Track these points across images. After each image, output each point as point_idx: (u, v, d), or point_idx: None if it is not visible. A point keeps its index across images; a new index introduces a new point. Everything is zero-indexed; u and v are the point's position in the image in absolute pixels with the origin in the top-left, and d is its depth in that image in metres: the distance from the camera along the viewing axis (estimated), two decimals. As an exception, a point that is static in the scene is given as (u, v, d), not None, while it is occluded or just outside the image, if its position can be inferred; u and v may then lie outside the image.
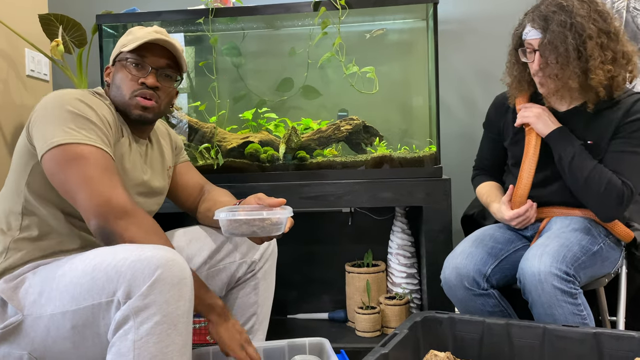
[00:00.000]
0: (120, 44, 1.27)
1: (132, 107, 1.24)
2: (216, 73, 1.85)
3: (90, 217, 1.08)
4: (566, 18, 1.33)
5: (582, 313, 1.25)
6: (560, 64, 1.34)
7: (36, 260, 1.16)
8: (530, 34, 1.39)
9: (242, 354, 1.17)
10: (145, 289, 0.95)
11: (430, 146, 1.84)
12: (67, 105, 1.13)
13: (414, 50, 2.01)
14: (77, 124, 1.12)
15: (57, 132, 1.10)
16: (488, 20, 2.07)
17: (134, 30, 1.28)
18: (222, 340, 1.18)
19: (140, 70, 1.25)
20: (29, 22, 2.05)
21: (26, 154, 1.17)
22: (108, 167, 1.11)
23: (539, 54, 1.37)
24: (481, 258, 1.40)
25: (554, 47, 1.34)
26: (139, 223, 1.09)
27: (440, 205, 1.69)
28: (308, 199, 1.73)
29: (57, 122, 1.11)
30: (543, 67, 1.37)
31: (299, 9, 1.78)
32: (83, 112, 1.14)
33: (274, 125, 1.94)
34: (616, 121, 1.39)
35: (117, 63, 1.27)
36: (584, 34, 1.32)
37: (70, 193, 1.10)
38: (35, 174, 1.17)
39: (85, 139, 1.11)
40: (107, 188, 1.08)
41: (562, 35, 1.32)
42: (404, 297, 1.86)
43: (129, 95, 1.24)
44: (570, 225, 1.38)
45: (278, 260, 1.54)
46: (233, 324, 1.20)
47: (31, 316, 1.05)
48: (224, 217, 1.16)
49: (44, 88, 2.22)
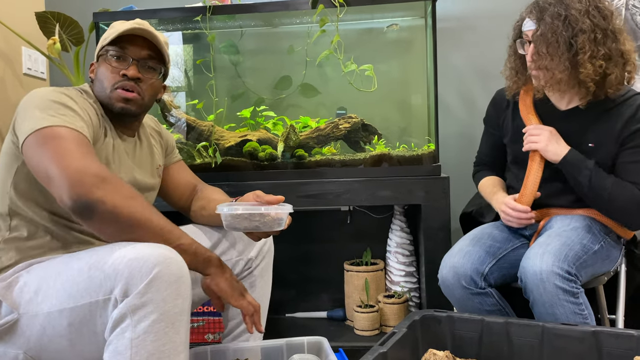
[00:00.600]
0: (102, 39, 1.26)
1: (114, 100, 1.22)
2: (214, 71, 1.84)
3: (65, 193, 1.00)
4: (561, 10, 1.33)
5: (583, 312, 1.24)
6: (550, 54, 1.34)
7: (28, 259, 1.15)
8: (527, 25, 1.40)
9: (244, 301, 1.17)
10: (143, 287, 0.94)
11: (429, 144, 1.83)
12: (46, 96, 1.13)
13: (412, 48, 2.00)
14: (56, 110, 1.11)
15: (35, 119, 1.09)
16: (487, 18, 2.06)
17: (116, 24, 1.26)
18: (223, 290, 1.16)
19: (122, 62, 1.23)
20: (26, 20, 2.04)
21: (11, 154, 1.17)
22: (84, 144, 1.08)
23: (533, 45, 1.38)
24: (479, 257, 1.39)
25: (545, 38, 1.34)
26: (116, 189, 1.03)
27: (439, 203, 1.69)
28: (306, 197, 1.73)
29: (36, 111, 1.10)
30: (536, 59, 1.37)
31: (297, 7, 1.77)
32: (62, 101, 1.13)
33: (272, 124, 1.94)
34: (620, 126, 1.38)
35: (99, 58, 1.26)
36: (576, 27, 1.32)
37: (45, 174, 1.05)
38: (20, 175, 1.16)
39: (61, 122, 1.09)
40: (80, 160, 1.03)
41: (553, 26, 1.33)
42: (402, 296, 1.86)
43: (110, 88, 1.22)
44: (571, 224, 1.37)
45: (276, 259, 1.54)
46: (230, 274, 1.19)
47: (27, 314, 1.05)
48: (227, 212, 1.16)
49: (40, 86, 2.21)
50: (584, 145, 1.41)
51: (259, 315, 1.20)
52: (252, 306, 1.18)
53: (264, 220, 1.18)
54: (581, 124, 1.42)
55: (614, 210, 1.37)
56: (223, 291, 1.16)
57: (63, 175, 1.02)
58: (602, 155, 1.39)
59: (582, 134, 1.41)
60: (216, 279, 1.16)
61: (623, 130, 1.37)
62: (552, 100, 1.48)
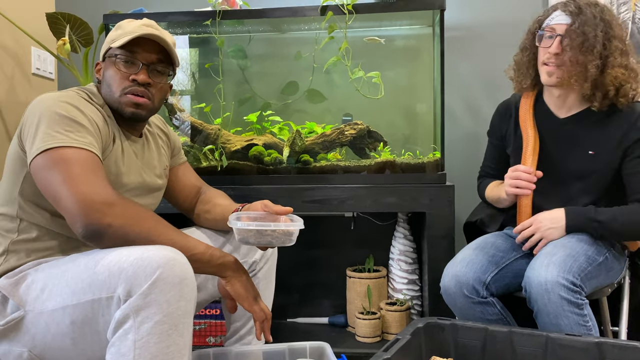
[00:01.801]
0: (109, 39, 1.24)
1: (124, 105, 1.22)
2: (222, 75, 1.85)
3: (75, 220, 1.03)
4: (598, 13, 1.38)
5: (587, 324, 1.24)
6: (585, 48, 1.37)
7: (37, 259, 1.16)
8: (557, 19, 1.41)
9: (257, 307, 1.18)
10: (146, 288, 0.95)
11: (435, 152, 1.83)
12: (54, 108, 1.11)
13: (420, 56, 2.01)
14: (64, 127, 1.09)
15: (44, 137, 1.08)
16: (494, 28, 2.07)
17: (123, 25, 1.25)
18: (238, 293, 1.17)
19: (131, 66, 1.22)
20: (36, 20, 2.06)
21: (18, 161, 1.16)
22: (91, 165, 1.08)
23: (560, 39, 1.39)
24: (481, 266, 1.40)
25: (582, 32, 1.37)
26: (124, 211, 1.05)
27: (443, 211, 1.69)
28: (311, 202, 1.73)
29: (44, 126, 1.09)
30: (559, 53, 1.39)
31: (306, 13, 1.78)
32: (70, 114, 1.11)
33: (278, 128, 1.94)
34: (620, 134, 1.39)
35: (107, 59, 1.24)
36: (610, 32, 1.38)
37: (53, 197, 1.07)
38: (28, 181, 1.15)
39: (70, 141, 1.08)
40: (88, 186, 1.04)
41: (593, 23, 1.37)
42: (404, 303, 1.86)
43: (119, 92, 1.21)
44: (576, 235, 1.38)
45: (279, 263, 1.54)
46: (247, 277, 1.19)
47: (33, 312, 1.05)
48: (240, 227, 1.16)
49: (49, 86, 2.23)
50: (584, 153, 1.43)
51: (269, 324, 1.20)
52: (263, 313, 1.18)
53: (276, 235, 1.19)
54: (580, 131, 1.44)
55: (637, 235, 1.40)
56: (237, 294, 1.17)
57: (72, 203, 1.03)
58: (603, 163, 1.42)
59: (582, 141, 1.43)
60: (232, 281, 1.17)
61: (624, 139, 1.39)
62: (552, 109, 1.50)
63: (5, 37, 1.96)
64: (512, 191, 1.45)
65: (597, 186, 1.43)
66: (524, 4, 2.04)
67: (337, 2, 1.71)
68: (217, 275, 1.17)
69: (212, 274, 1.17)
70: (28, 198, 1.16)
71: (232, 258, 1.17)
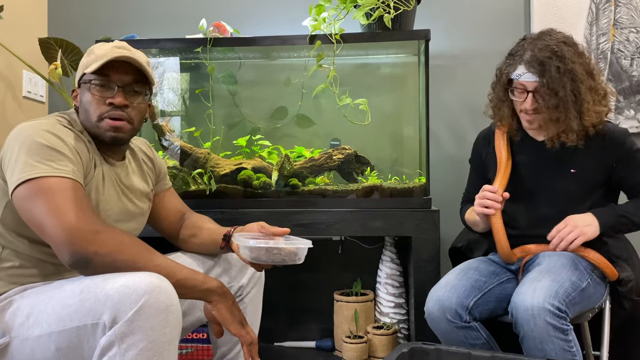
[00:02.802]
0: (83, 65, 1.23)
1: (103, 130, 1.21)
2: (212, 100, 1.88)
3: (61, 249, 1.04)
4: (561, 65, 1.40)
5: (572, 349, 1.26)
6: (561, 107, 1.41)
7: (23, 285, 1.16)
8: (524, 77, 1.44)
9: (243, 330, 1.18)
10: (132, 315, 0.95)
11: (420, 177, 1.87)
12: (34, 137, 1.10)
13: (405, 83, 2.06)
14: (44, 156, 1.09)
15: (24, 167, 1.08)
16: (478, 57, 2.13)
17: (95, 49, 1.23)
18: (223, 318, 1.17)
19: (106, 90, 1.20)
20: (28, 44, 2.08)
21: (1, 188, 1.16)
22: (74, 194, 1.08)
23: (532, 95, 1.44)
24: (464, 290, 1.42)
25: (554, 93, 1.40)
26: (110, 239, 1.06)
27: (429, 236, 1.71)
28: (299, 226, 1.75)
29: (25, 156, 1.09)
30: (537, 108, 1.45)
31: (295, 42, 1.83)
32: (50, 143, 1.11)
33: (267, 153, 1.97)
34: (599, 153, 1.47)
35: (82, 85, 1.23)
36: (577, 80, 1.40)
37: (38, 227, 1.07)
38: (9, 210, 1.15)
39: (51, 171, 1.08)
40: (72, 215, 1.05)
41: (560, 81, 1.40)
42: (391, 327, 1.87)
43: (96, 118, 1.20)
44: (559, 261, 1.40)
45: (266, 287, 1.55)
46: (233, 301, 1.20)
47: (18, 338, 1.05)
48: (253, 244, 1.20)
49: (39, 109, 2.24)
50: (566, 172, 1.49)
51: (257, 348, 1.20)
52: (249, 336, 1.19)
53: (286, 253, 1.22)
54: (560, 151, 1.50)
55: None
56: (223, 318, 1.17)
57: (57, 233, 1.04)
58: (586, 180, 1.48)
59: (563, 161, 1.49)
60: (218, 306, 1.17)
61: (605, 158, 1.47)
62: (530, 133, 1.56)
63: (-2, 61, 1.99)
64: (480, 210, 1.49)
65: (582, 203, 1.48)
66: (506, 34, 2.10)
67: (326, 32, 1.76)
68: (203, 300, 1.18)
69: (198, 299, 1.17)
70: (9, 227, 1.16)
71: (217, 283, 1.18)
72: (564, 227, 1.43)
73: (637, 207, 1.47)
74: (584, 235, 1.41)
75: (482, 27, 2.14)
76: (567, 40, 1.45)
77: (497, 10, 2.14)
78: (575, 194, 1.49)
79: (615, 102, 2.06)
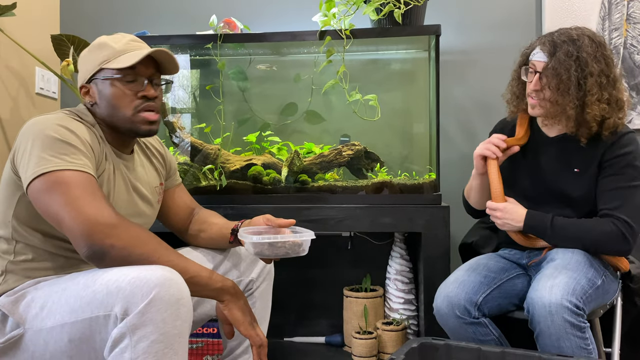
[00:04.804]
0: (99, 60, 1.21)
1: (139, 124, 1.23)
2: (222, 96, 1.89)
3: (78, 241, 1.06)
4: (573, 50, 1.39)
5: (588, 347, 1.25)
6: (561, 90, 1.39)
7: (36, 278, 1.17)
8: (536, 56, 1.45)
9: (253, 332, 1.19)
10: (143, 307, 0.96)
11: (430, 173, 1.86)
12: (46, 131, 1.11)
13: (416, 79, 2.05)
14: (58, 150, 1.10)
15: (39, 161, 1.09)
16: (489, 53, 2.12)
17: (109, 43, 1.22)
18: (235, 318, 1.18)
19: (136, 84, 1.22)
20: (41, 41, 2.10)
21: (12, 184, 1.17)
22: (90, 187, 1.09)
23: (539, 76, 1.43)
24: (473, 287, 1.41)
25: (556, 74, 1.39)
26: (126, 233, 1.07)
27: (439, 232, 1.71)
28: (308, 222, 1.75)
29: (38, 150, 1.10)
30: (539, 90, 1.43)
31: (305, 37, 1.83)
32: (63, 136, 1.12)
33: (277, 149, 1.98)
34: (600, 152, 1.43)
35: (100, 81, 1.22)
36: (586, 70, 1.38)
37: (56, 220, 1.08)
38: (22, 205, 1.16)
39: (65, 164, 1.09)
40: (89, 207, 1.06)
41: (566, 64, 1.38)
42: (401, 323, 1.86)
43: (131, 112, 1.22)
44: (574, 257, 1.39)
45: (276, 282, 1.56)
46: (244, 301, 1.20)
47: (32, 329, 1.06)
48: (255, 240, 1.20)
49: (52, 106, 2.26)
50: (570, 171, 1.46)
51: (266, 351, 1.20)
52: (259, 338, 1.19)
53: (289, 245, 1.23)
54: (568, 150, 1.48)
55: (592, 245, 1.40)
56: (235, 318, 1.18)
57: (75, 225, 1.06)
58: (586, 181, 1.44)
59: (568, 159, 1.47)
60: (229, 305, 1.18)
61: (604, 155, 1.42)
62: (542, 129, 1.54)
63: (11, 58, 2.01)
64: (479, 152, 1.51)
65: (581, 203, 1.46)
66: (517, 29, 2.09)
67: (336, 28, 1.76)
68: (215, 299, 1.18)
69: (210, 298, 1.18)
70: (22, 221, 1.18)
71: (230, 282, 1.19)
72: (495, 210, 1.47)
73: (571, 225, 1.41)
74: (503, 227, 1.47)
75: (493, 22, 2.12)
76: (594, 37, 1.42)
77: (508, 5, 2.12)
78: (576, 194, 1.46)
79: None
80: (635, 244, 1.41)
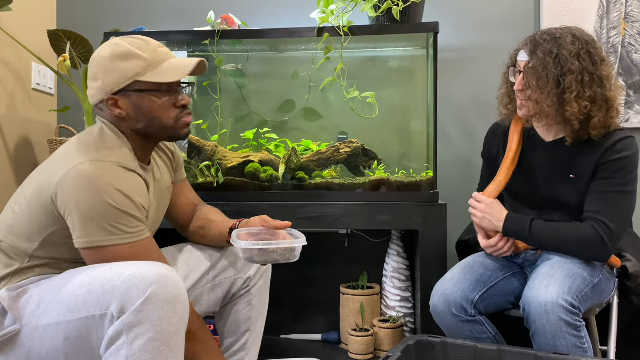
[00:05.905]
0: (131, 72, 1.16)
1: (179, 130, 1.25)
2: (220, 93, 1.89)
3: None
4: (553, 48, 1.38)
5: (584, 346, 1.25)
6: (540, 88, 1.39)
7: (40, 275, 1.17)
8: (520, 56, 1.45)
9: None
10: (139, 305, 0.96)
11: (428, 171, 1.86)
12: (104, 196, 1.08)
13: (414, 77, 2.05)
14: (115, 219, 1.09)
15: (95, 230, 1.08)
16: (487, 51, 2.12)
17: (137, 52, 1.16)
18: None
19: (173, 93, 1.22)
20: (37, 36, 2.09)
21: (51, 216, 1.12)
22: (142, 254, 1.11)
23: (522, 76, 1.42)
24: (469, 285, 1.41)
25: (535, 71, 1.39)
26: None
27: (436, 230, 1.71)
28: (306, 219, 1.75)
29: (94, 217, 1.08)
30: (523, 89, 1.43)
31: (303, 34, 1.82)
32: (120, 206, 1.09)
33: (274, 146, 1.97)
34: (596, 158, 1.41)
35: (134, 93, 1.17)
36: (565, 67, 1.36)
37: None
38: (56, 237, 1.14)
39: (121, 239, 1.10)
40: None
41: (544, 62, 1.38)
42: (397, 321, 1.87)
43: (173, 121, 1.23)
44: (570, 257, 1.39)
45: (273, 279, 1.56)
46: None
47: (28, 326, 1.06)
48: (245, 246, 1.20)
49: (48, 102, 2.25)
50: (566, 177, 1.46)
51: None
52: None
53: (280, 252, 1.22)
54: (564, 155, 1.47)
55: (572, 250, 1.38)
56: None
57: None
58: (583, 187, 1.43)
59: (565, 165, 1.46)
60: None
61: (599, 160, 1.41)
62: (539, 132, 1.53)
63: (7, 53, 2.00)
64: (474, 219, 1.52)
65: (577, 209, 1.44)
66: (515, 27, 2.09)
67: (334, 24, 1.75)
68: None
69: None
70: (47, 246, 1.15)
71: None
72: (481, 202, 1.47)
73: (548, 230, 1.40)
74: (481, 221, 1.47)
75: (492, 20, 2.12)
76: (581, 35, 1.40)
77: (507, 3, 2.12)
78: (572, 200, 1.45)
79: (625, 96, 2.04)
80: (614, 250, 1.40)
